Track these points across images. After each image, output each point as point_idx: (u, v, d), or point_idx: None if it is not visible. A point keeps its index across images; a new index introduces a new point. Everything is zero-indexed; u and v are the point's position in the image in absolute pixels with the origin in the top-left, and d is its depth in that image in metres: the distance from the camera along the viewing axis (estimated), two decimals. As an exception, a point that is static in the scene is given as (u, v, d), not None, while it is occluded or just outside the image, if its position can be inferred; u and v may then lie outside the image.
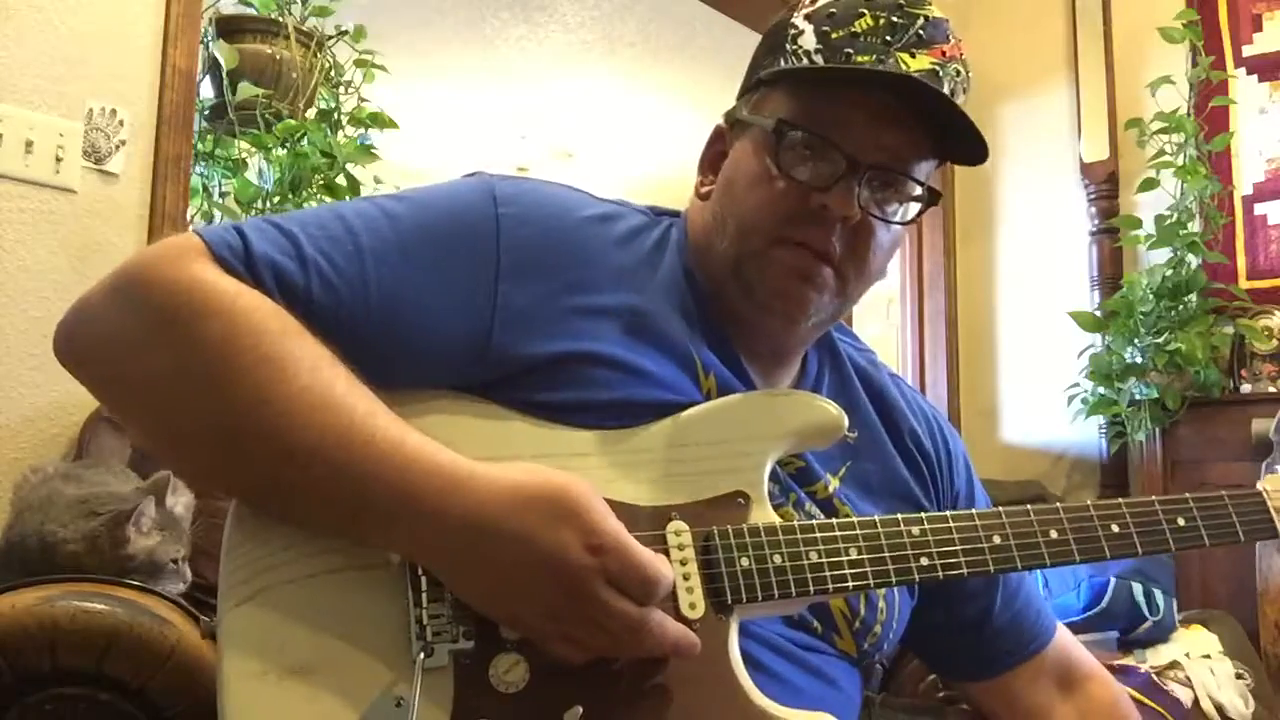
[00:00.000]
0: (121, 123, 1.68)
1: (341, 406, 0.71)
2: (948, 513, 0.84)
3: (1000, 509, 0.85)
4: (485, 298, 0.79)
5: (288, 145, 1.85)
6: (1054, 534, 0.85)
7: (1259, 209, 3.16)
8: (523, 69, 4.59)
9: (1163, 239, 3.10)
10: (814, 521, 0.81)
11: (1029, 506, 0.86)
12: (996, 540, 0.83)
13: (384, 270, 0.77)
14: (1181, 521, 0.89)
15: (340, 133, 1.99)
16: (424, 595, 0.71)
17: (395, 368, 0.77)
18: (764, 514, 0.80)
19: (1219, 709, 2.28)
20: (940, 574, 0.81)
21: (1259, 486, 0.94)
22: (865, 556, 0.79)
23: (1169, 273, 3.07)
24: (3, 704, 0.89)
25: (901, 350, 3.78)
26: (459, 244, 0.80)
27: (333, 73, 2.00)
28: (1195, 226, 3.11)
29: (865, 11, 0.85)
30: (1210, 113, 3.15)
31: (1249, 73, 3.20)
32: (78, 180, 1.63)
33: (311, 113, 1.96)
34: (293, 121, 1.86)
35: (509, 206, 0.82)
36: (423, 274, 0.78)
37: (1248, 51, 3.21)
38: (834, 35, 0.85)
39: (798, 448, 0.86)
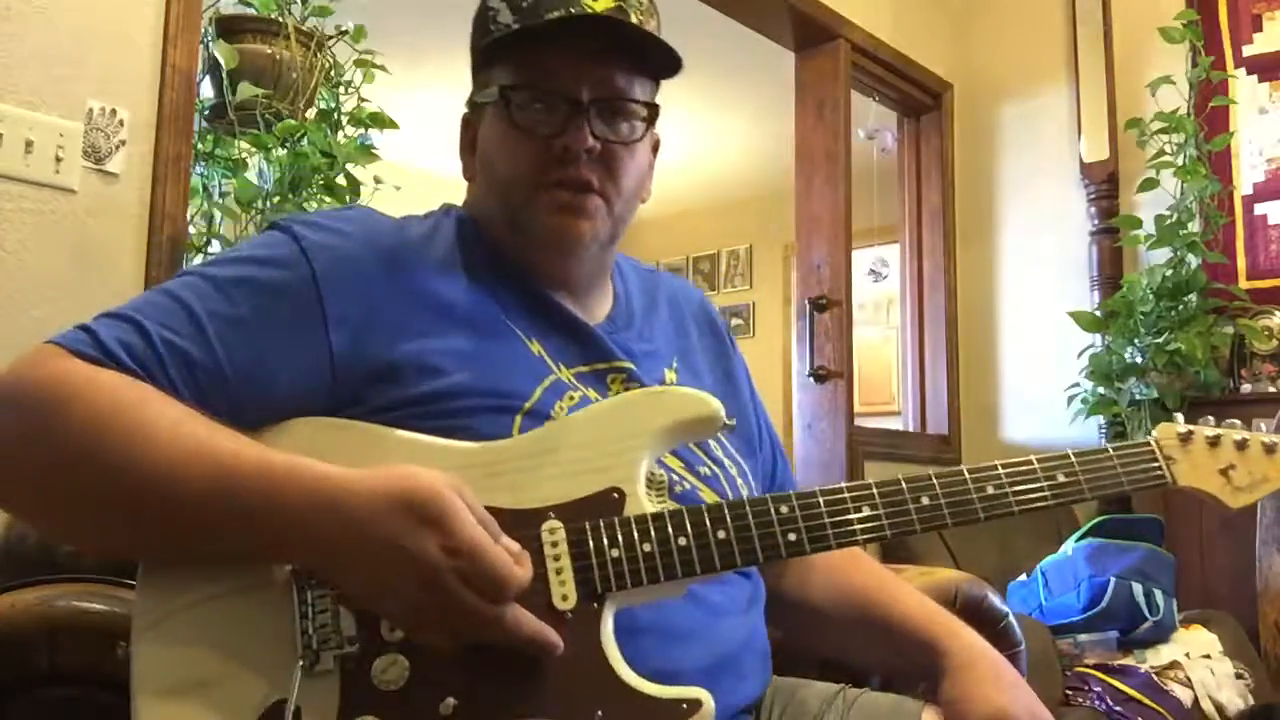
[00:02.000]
0: (121, 123, 1.68)
1: (209, 451, 0.77)
2: (816, 488, 0.87)
3: (872, 481, 0.87)
4: (317, 321, 0.86)
5: (288, 145, 1.85)
6: (925, 500, 0.87)
7: (1259, 209, 3.16)
8: (523, 69, 4.57)
9: (1163, 239, 3.10)
10: (684, 508, 0.84)
11: (900, 476, 0.88)
12: (866, 511, 0.86)
13: (221, 328, 0.84)
14: (1061, 477, 0.91)
15: (340, 133, 1.98)
16: (310, 608, 0.77)
17: (261, 408, 0.84)
18: (639, 507, 0.83)
19: (1219, 709, 2.29)
20: (808, 548, 0.85)
21: (1149, 437, 0.97)
22: (733, 537, 0.83)
23: (1169, 273, 3.07)
24: (2, 704, 0.89)
25: (901, 350, 3.78)
26: (279, 286, 0.87)
27: (333, 73, 1.99)
28: (1195, 226, 3.11)
29: None
30: (1210, 113, 3.15)
31: (1249, 73, 3.20)
32: (78, 180, 1.63)
33: (311, 113, 1.95)
34: (293, 121, 1.86)
35: (310, 238, 0.89)
36: (256, 321, 0.85)
37: (1248, 51, 3.21)
38: (524, 3, 0.94)
39: (675, 441, 0.90)
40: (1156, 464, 0.95)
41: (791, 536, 0.85)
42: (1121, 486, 0.93)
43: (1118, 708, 2.20)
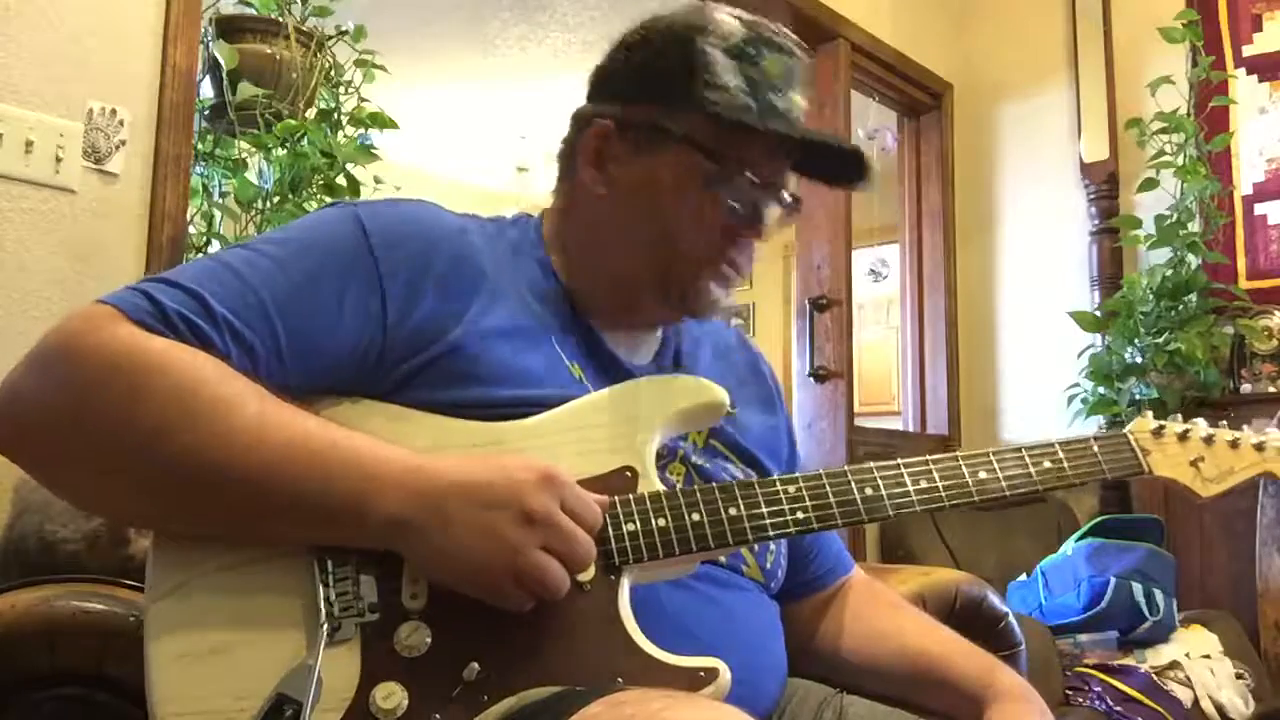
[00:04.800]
0: (121, 123, 1.68)
1: (288, 427, 0.78)
2: (822, 470, 0.91)
3: (872, 464, 0.91)
4: (376, 321, 0.86)
5: (288, 145, 1.85)
6: (924, 483, 0.92)
7: (1259, 209, 3.16)
8: (523, 69, 4.58)
9: (1163, 239, 3.10)
10: (696, 487, 0.87)
11: (899, 460, 0.93)
12: (869, 491, 0.90)
13: (288, 320, 0.83)
14: (1047, 464, 0.97)
15: (340, 133, 1.98)
16: (331, 576, 0.78)
17: (305, 377, 0.85)
18: (651, 485, 0.86)
19: (1219, 709, 2.29)
20: (815, 525, 0.88)
21: (1125, 431, 1.02)
22: (744, 513, 0.86)
23: (1169, 273, 3.07)
24: (2, 704, 0.89)
25: (901, 350, 3.78)
26: (345, 279, 0.86)
27: (333, 73, 1.99)
28: (1195, 226, 3.11)
29: (766, 52, 0.95)
30: (1210, 113, 3.15)
31: (1249, 73, 3.20)
32: (78, 180, 1.63)
33: (311, 113, 1.95)
34: (293, 121, 1.86)
35: (378, 235, 0.89)
36: (320, 312, 0.85)
37: (1248, 51, 3.21)
38: (754, 75, 0.94)
39: (684, 427, 0.93)
40: (1133, 454, 1.00)
41: (800, 514, 0.88)
42: (1104, 475, 0.98)
43: (1118, 708, 2.20)
